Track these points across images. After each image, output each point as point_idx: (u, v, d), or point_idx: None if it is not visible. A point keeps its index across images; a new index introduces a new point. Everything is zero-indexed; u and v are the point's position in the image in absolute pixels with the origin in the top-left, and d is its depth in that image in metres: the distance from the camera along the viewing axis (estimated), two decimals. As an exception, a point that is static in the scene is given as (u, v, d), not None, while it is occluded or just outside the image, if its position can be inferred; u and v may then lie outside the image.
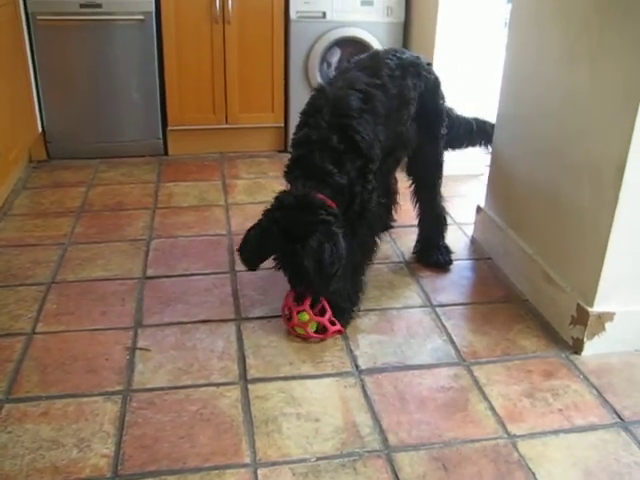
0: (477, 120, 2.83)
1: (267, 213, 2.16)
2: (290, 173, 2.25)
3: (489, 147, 2.87)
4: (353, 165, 2.19)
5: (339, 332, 2.25)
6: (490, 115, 2.86)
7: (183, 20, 3.67)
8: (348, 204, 2.22)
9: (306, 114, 2.28)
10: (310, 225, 2.06)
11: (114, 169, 3.75)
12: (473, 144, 2.88)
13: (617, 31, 1.97)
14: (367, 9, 3.82)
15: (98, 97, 3.77)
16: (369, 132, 2.21)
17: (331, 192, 2.16)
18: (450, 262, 2.74)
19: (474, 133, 2.81)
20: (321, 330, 2.23)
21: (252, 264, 2.21)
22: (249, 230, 2.19)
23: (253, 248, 2.16)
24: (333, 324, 2.23)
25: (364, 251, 2.36)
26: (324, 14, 3.79)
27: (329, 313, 2.23)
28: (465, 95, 3.23)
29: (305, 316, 2.20)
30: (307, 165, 2.18)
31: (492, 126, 2.84)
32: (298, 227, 2.06)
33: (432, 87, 2.55)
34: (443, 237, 2.78)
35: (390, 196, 2.82)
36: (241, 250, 2.19)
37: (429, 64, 2.59)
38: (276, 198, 2.18)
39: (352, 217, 2.24)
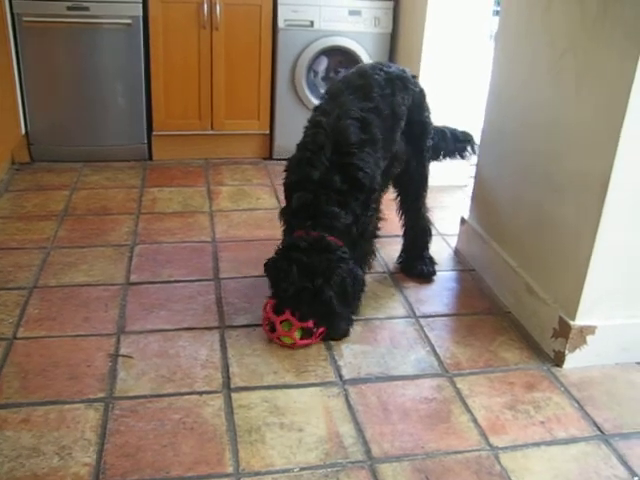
0: (448, 128, 2.83)
1: (283, 253, 2.21)
2: (296, 217, 2.27)
3: (459, 156, 2.89)
4: (357, 202, 2.25)
5: (322, 334, 2.26)
6: (476, 127, 2.88)
7: (171, 25, 3.67)
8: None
9: (306, 149, 2.27)
10: (331, 262, 2.15)
11: (98, 173, 3.73)
12: (449, 153, 2.87)
13: (603, 48, 2.00)
14: (355, 19, 3.84)
15: (83, 100, 3.75)
16: (371, 165, 2.25)
17: (338, 233, 2.23)
18: (434, 273, 2.75)
19: (448, 141, 2.82)
20: (306, 334, 2.22)
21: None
22: (267, 269, 2.25)
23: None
24: (317, 326, 2.23)
25: (362, 263, 2.40)
26: (312, 23, 3.80)
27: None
28: (451, 107, 3.26)
29: (288, 325, 2.21)
30: (315, 210, 2.22)
31: (463, 133, 2.85)
32: (320, 265, 2.14)
33: (418, 100, 2.57)
34: (427, 248, 2.79)
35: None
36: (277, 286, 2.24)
37: (414, 77, 2.60)
38: (288, 241, 2.25)
39: (354, 237, 2.31)
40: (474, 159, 2.98)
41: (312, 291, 2.14)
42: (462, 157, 2.90)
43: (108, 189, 3.52)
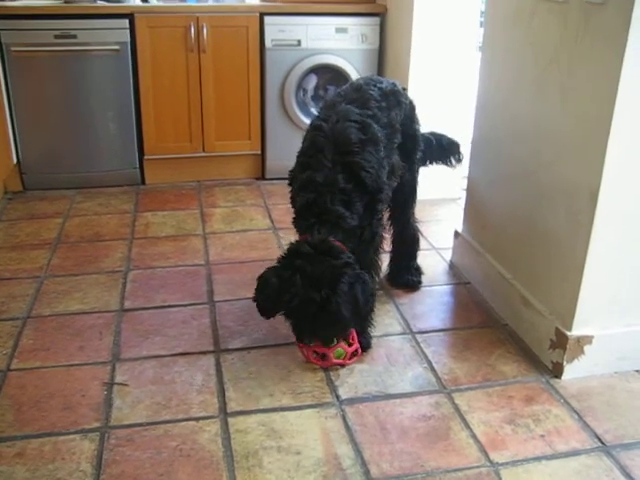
0: (435, 135, 2.81)
1: (284, 261, 2.11)
2: (302, 220, 2.21)
3: (448, 163, 2.87)
4: (361, 202, 2.20)
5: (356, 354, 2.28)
6: (467, 139, 2.88)
7: (158, 50, 3.68)
8: (359, 238, 2.25)
9: (306, 154, 2.25)
10: (336, 269, 2.04)
11: (91, 199, 3.73)
12: (434, 160, 2.86)
13: (586, 60, 2.00)
14: (342, 36, 3.85)
15: (74, 127, 3.75)
16: (374, 164, 2.21)
17: (343, 236, 2.16)
18: (420, 282, 2.77)
19: (433, 148, 2.80)
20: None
21: (270, 313, 2.15)
22: (263, 278, 2.12)
23: (272, 298, 2.09)
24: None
25: (373, 272, 2.36)
26: (299, 42, 3.81)
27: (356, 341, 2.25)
28: (440, 120, 3.26)
29: (341, 351, 2.21)
30: (319, 210, 2.16)
31: (449, 142, 2.83)
32: (324, 273, 2.03)
33: (409, 113, 2.57)
34: (415, 258, 2.80)
35: None
36: (259, 299, 2.13)
37: (404, 89, 2.60)
38: (291, 247, 2.15)
39: (361, 245, 2.27)
40: (465, 171, 2.98)
41: (318, 303, 2.02)
42: (447, 165, 2.89)
43: (101, 215, 3.52)
